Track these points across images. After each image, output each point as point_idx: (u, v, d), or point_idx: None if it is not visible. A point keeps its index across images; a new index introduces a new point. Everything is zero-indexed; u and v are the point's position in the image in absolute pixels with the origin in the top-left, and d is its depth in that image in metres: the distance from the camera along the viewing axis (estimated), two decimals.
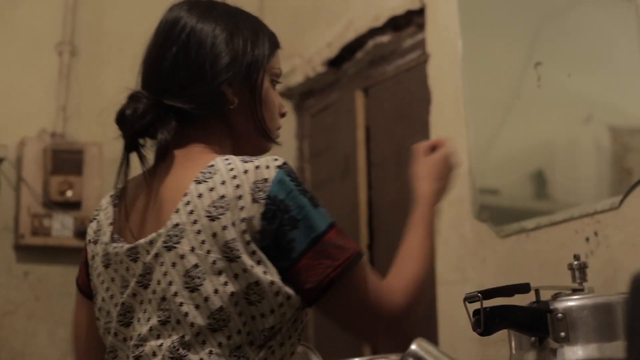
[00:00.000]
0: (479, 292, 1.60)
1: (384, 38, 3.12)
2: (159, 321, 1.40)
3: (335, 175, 3.39)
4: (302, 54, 3.50)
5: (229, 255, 1.37)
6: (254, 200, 1.38)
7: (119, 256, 1.48)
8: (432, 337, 2.55)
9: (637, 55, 2.11)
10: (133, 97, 1.52)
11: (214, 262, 1.37)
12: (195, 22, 1.55)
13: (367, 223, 3.17)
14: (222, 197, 1.38)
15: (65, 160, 3.32)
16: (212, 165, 1.42)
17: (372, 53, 3.21)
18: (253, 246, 1.37)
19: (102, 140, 3.43)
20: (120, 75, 3.92)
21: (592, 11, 2.32)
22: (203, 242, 1.38)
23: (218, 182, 1.40)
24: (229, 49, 1.52)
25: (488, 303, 1.60)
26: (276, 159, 1.43)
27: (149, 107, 1.49)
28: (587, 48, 2.30)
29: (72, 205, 3.32)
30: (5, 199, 3.32)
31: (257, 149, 1.57)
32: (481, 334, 1.59)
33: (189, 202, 1.40)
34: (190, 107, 1.50)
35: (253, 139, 1.55)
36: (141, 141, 1.53)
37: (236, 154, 1.47)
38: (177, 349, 1.38)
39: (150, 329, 1.41)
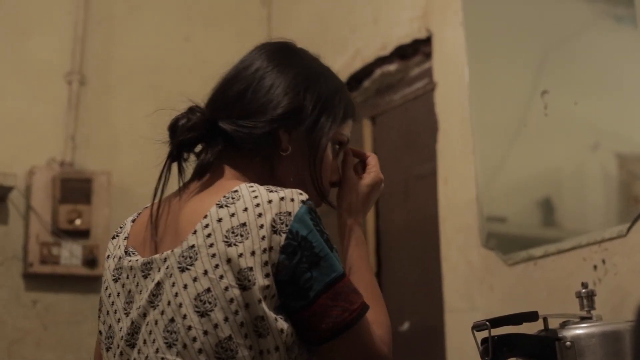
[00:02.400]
0: (487, 320, 1.60)
1: (391, 67, 3.13)
2: (165, 343, 1.37)
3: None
4: None
5: (243, 283, 1.34)
6: (275, 232, 1.36)
7: (133, 270, 1.47)
8: None
9: None
10: (190, 110, 1.53)
11: (226, 289, 1.35)
12: (278, 64, 1.57)
13: (374, 251, 3.17)
14: (243, 224, 1.37)
15: (74, 188, 3.33)
16: (235, 191, 1.41)
17: (379, 82, 3.22)
18: (270, 279, 1.36)
19: (111, 169, 3.45)
20: (129, 105, 3.99)
21: (598, 39, 2.33)
22: (217, 266, 1.35)
23: (240, 209, 1.38)
24: (298, 100, 1.53)
25: (496, 331, 1.60)
26: (301, 194, 1.41)
27: (201, 123, 1.50)
28: (593, 76, 2.31)
29: (81, 234, 3.32)
30: (14, 227, 3.33)
31: None
32: None
33: (207, 224, 1.38)
34: (240, 138, 1.50)
35: (290, 187, 1.49)
36: (185, 155, 1.54)
37: None
38: None
39: (157, 351, 1.38)
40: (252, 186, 1.42)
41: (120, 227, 1.62)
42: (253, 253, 1.35)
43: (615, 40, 2.29)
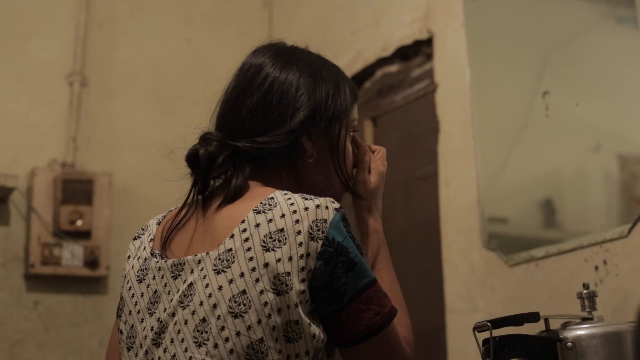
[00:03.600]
0: (488, 321, 1.60)
1: (392, 68, 3.13)
2: (194, 342, 1.39)
3: (344, 204, 3.39)
4: None
5: (278, 288, 1.37)
6: (312, 239, 1.39)
7: (161, 271, 1.48)
8: None
9: None
10: (205, 139, 1.52)
11: (261, 292, 1.37)
12: (280, 71, 1.56)
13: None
14: (281, 230, 1.39)
15: (76, 190, 3.34)
16: (271, 198, 1.43)
17: (380, 83, 3.22)
18: (305, 284, 1.38)
19: (112, 170, 3.45)
20: (130, 106, 3.99)
21: (599, 40, 2.33)
22: (253, 269, 1.38)
23: (277, 215, 1.40)
24: (311, 102, 1.54)
25: (497, 332, 1.60)
26: (333, 202, 1.45)
27: (222, 153, 1.50)
28: (595, 77, 2.31)
29: (82, 235, 3.33)
30: (15, 228, 3.33)
31: None
32: None
33: (245, 229, 1.40)
34: (264, 154, 1.51)
35: (318, 191, 1.54)
36: (211, 182, 1.55)
37: None
38: None
39: (185, 350, 1.40)
40: (286, 194, 1.44)
41: (142, 229, 1.62)
42: (290, 258, 1.38)
43: (617, 42, 2.29)
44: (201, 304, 1.40)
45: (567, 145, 2.37)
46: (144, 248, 1.56)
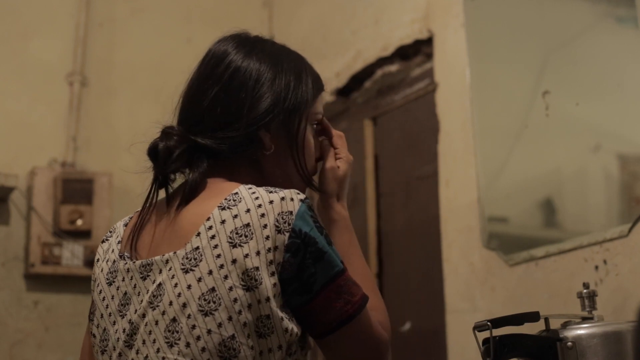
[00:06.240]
0: (488, 320, 1.60)
1: (393, 67, 3.13)
2: (166, 343, 1.38)
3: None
4: None
5: (247, 283, 1.36)
6: (279, 232, 1.38)
7: (130, 272, 1.47)
8: None
9: None
10: (166, 134, 1.53)
11: (230, 289, 1.36)
12: (241, 61, 1.55)
13: (376, 252, 3.18)
14: (247, 225, 1.38)
15: (76, 189, 3.34)
16: (236, 193, 1.42)
17: (380, 82, 3.22)
18: (275, 278, 1.38)
19: (112, 170, 3.45)
20: (129, 106, 3.99)
21: (600, 40, 2.33)
22: (222, 266, 1.37)
23: (242, 210, 1.40)
24: (270, 94, 1.52)
25: (497, 332, 1.60)
26: (298, 193, 1.43)
27: (181, 148, 1.50)
28: (595, 76, 2.31)
29: (82, 234, 3.33)
30: (15, 228, 3.33)
31: None
32: None
33: (211, 226, 1.40)
34: (223, 149, 1.50)
35: (278, 184, 1.51)
36: (171, 176, 1.55)
37: None
38: None
39: (157, 351, 1.39)
40: (250, 187, 1.43)
41: (110, 232, 1.63)
42: (258, 253, 1.37)
43: (617, 41, 2.29)
44: (170, 303, 1.39)
45: (567, 145, 2.37)
46: (112, 250, 1.56)
